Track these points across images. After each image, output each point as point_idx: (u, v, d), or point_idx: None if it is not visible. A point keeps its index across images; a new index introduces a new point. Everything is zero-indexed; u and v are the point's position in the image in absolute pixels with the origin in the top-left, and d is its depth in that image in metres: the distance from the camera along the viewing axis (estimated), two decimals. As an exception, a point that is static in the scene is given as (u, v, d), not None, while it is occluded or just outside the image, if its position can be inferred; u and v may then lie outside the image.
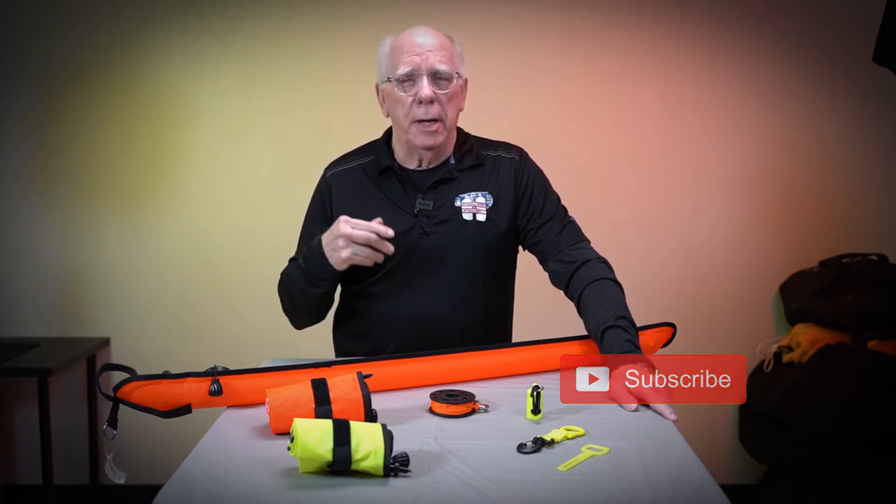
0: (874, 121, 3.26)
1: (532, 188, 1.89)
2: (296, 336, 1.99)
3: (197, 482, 1.20)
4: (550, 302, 2.12)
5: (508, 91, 3.21)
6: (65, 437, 3.27)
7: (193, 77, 3.20)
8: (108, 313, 3.27)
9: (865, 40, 2.34)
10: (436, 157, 1.87)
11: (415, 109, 1.78)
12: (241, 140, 3.23)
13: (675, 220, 3.29)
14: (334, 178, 1.90)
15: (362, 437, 1.19)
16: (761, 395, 3.10)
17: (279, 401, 1.35)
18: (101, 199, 3.23)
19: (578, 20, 3.22)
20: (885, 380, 2.87)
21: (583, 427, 1.37)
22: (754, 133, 3.27)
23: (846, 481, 2.87)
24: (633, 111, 3.26)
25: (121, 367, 1.50)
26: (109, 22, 3.17)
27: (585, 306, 1.75)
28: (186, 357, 3.18)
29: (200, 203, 3.24)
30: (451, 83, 1.79)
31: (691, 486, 1.18)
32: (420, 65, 1.77)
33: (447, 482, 1.18)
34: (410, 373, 1.63)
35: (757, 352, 3.21)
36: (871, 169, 3.29)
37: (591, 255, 1.84)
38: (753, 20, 3.22)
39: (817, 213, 3.30)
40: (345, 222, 1.69)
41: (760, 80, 3.24)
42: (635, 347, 1.61)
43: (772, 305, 3.33)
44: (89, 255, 3.24)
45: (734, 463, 3.34)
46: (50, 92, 3.19)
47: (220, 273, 3.26)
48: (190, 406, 1.47)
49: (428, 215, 1.83)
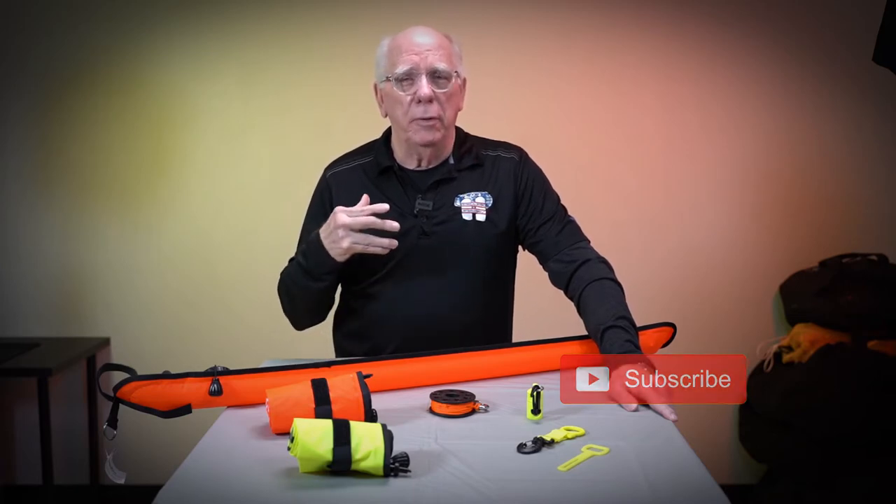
0: (874, 121, 3.26)
1: (532, 188, 1.89)
2: (296, 336, 1.99)
3: (197, 482, 1.20)
4: (550, 302, 2.12)
5: (508, 91, 3.21)
6: (65, 437, 3.27)
7: (193, 77, 3.20)
8: (108, 313, 3.27)
9: (865, 40, 2.34)
10: (435, 156, 1.87)
11: (413, 108, 1.78)
12: (241, 140, 3.23)
13: (675, 220, 3.29)
14: (334, 179, 1.90)
15: (362, 437, 1.19)
16: (761, 395, 3.10)
17: (279, 401, 1.35)
18: (101, 199, 3.23)
19: (578, 20, 3.22)
20: (885, 380, 2.87)
21: (583, 427, 1.37)
22: (754, 133, 3.27)
23: (846, 481, 2.87)
24: (633, 111, 3.26)
25: (121, 367, 1.50)
26: (109, 22, 3.17)
27: (585, 306, 1.75)
28: (186, 357, 3.18)
29: (200, 203, 3.24)
30: (449, 82, 1.79)
31: (691, 486, 1.18)
32: (419, 64, 1.76)
33: (447, 482, 1.18)
34: (410, 373, 1.63)
35: (757, 352, 3.21)
36: (871, 169, 3.29)
37: (591, 255, 1.84)
38: (753, 20, 3.22)
39: (817, 213, 3.30)
40: (342, 212, 1.69)
41: (760, 80, 3.24)
42: (635, 347, 1.61)
43: (772, 305, 3.33)
44: (89, 255, 3.24)
45: (734, 463, 3.34)
46: (50, 92, 3.19)
47: (220, 273, 3.26)
48: (190, 406, 1.47)
49: (428, 215, 1.83)
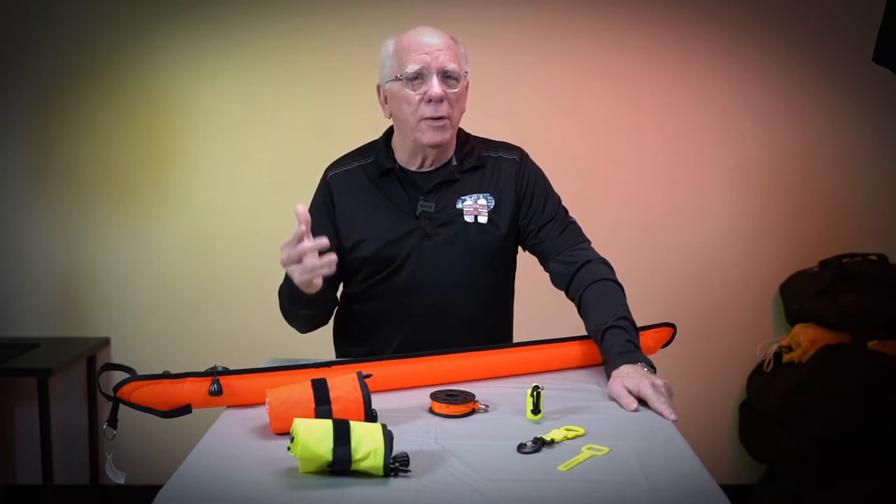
0: (874, 121, 3.26)
1: (533, 189, 1.89)
2: (296, 336, 1.99)
3: (197, 482, 1.20)
4: (550, 302, 2.12)
5: (509, 91, 3.21)
6: (65, 437, 3.27)
7: (193, 77, 3.20)
8: (108, 313, 3.27)
9: (865, 40, 2.33)
10: (439, 157, 1.86)
11: (423, 108, 1.76)
12: (241, 140, 3.23)
13: (675, 220, 3.29)
14: (335, 180, 1.90)
15: (362, 437, 1.19)
16: (761, 395, 3.10)
17: (279, 401, 1.35)
18: (101, 199, 3.23)
19: (578, 20, 3.21)
20: (885, 380, 2.86)
21: (583, 427, 1.37)
22: (754, 133, 3.27)
23: (846, 481, 2.87)
24: (633, 111, 3.26)
25: (121, 367, 1.50)
26: (109, 22, 3.17)
27: (586, 307, 1.75)
28: (186, 357, 3.18)
29: (200, 203, 3.24)
30: (458, 83, 1.78)
31: (691, 486, 1.18)
32: (430, 63, 1.75)
33: (447, 482, 1.18)
34: (410, 373, 1.63)
35: (757, 352, 3.22)
36: (871, 169, 3.29)
37: (592, 256, 1.84)
38: (753, 20, 3.22)
39: (817, 213, 3.30)
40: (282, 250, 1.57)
41: (760, 80, 3.24)
42: (636, 348, 1.62)
43: (772, 305, 3.33)
44: (89, 255, 3.24)
45: (734, 463, 3.34)
46: (50, 92, 3.19)
47: (220, 273, 3.26)
48: (190, 406, 1.47)
49: (430, 217, 1.83)
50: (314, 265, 1.54)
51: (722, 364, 3.31)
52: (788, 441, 2.98)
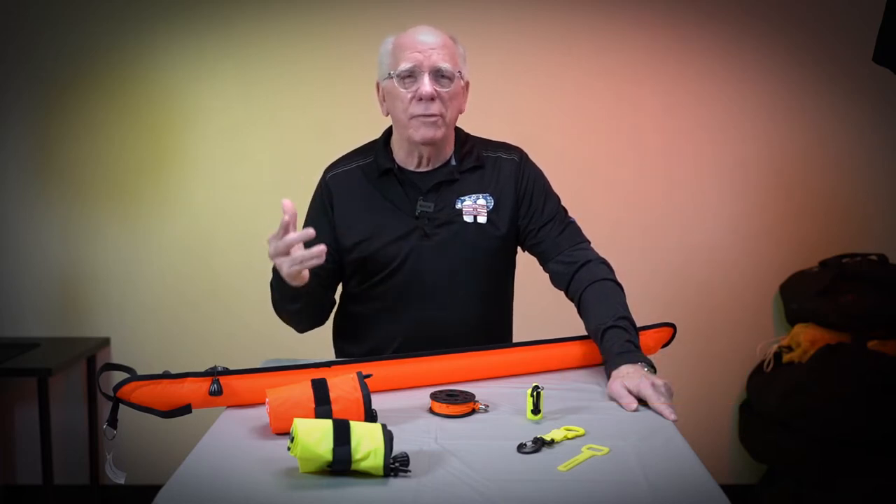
0: (874, 121, 3.26)
1: (532, 190, 1.89)
2: (296, 336, 1.99)
3: (197, 482, 1.20)
4: (550, 302, 2.12)
5: (509, 91, 3.21)
6: (65, 437, 3.27)
7: (193, 77, 3.20)
8: (108, 313, 3.27)
9: (865, 40, 2.34)
10: (435, 156, 1.86)
11: (414, 106, 1.77)
12: (241, 140, 3.23)
13: (675, 220, 3.29)
14: (334, 180, 1.90)
15: (362, 437, 1.19)
16: (761, 395, 3.10)
17: (279, 401, 1.35)
18: (101, 199, 3.23)
19: (579, 20, 3.21)
20: (885, 380, 2.86)
21: (583, 427, 1.37)
22: (754, 133, 3.27)
23: (846, 481, 2.87)
24: (633, 111, 3.25)
25: (121, 367, 1.50)
26: (109, 22, 3.17)
27: (586, 307, 1.75)
28: (186, 357, 3.18)
29: (200, 203, 3.24)
30: (452, 82, 1.78)
31: (691, 486, 1.18)
32: (422, 62, 1.76)
33: (447, 482, 1.18)
34: (410, 373, 1.63)
35: (757, 352, 3.21)
36: (871, 169, 3.29)
37: (592, 256, 1.84)
38: (753, 20, 3.22)
39: (817, 213, 3.30)
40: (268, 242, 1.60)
41: (760, 80, 3.24)
42: (636, 347, 1.62)
43: (772, 305, 3.33)
44: (89, 255, 3.24)
45: (734, 463, 3.34)
46: (50, 92, 3.19)
47: (220, 273, 3.25)
48: (190, 406, 1.47)
49: (429, 217, 1.83)
50: (302, 256, 1.56)
51: (722, 364, 3.31)
52: (788, 441, 2.98)
